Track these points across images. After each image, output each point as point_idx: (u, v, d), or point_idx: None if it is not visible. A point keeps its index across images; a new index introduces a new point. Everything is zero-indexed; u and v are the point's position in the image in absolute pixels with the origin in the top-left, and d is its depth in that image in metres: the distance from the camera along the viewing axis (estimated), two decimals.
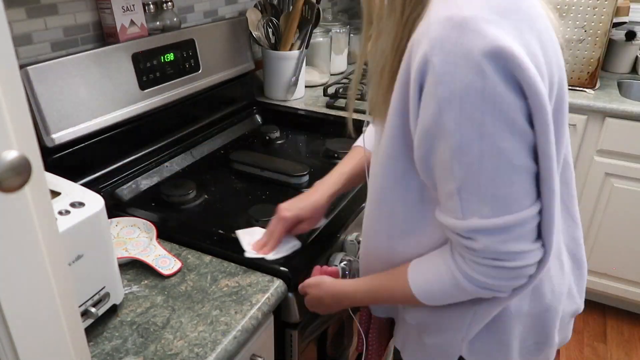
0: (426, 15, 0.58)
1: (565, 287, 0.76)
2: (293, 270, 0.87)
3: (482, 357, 0.75)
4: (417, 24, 0.60)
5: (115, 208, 1.02)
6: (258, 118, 1.62)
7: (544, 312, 0.74)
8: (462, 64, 0.53)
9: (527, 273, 0.63)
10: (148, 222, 0.95)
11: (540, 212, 0.61)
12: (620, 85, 2.03)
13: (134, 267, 0.88)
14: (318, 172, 1.24)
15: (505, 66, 0.53)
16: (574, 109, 1.85)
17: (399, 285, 0.71)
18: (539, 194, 0.60)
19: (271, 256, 0.88)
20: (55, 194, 0.70)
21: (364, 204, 1.14)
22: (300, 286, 0.86)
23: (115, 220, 0.96)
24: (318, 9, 1.59)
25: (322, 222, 0.97)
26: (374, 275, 0.77)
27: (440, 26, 0.55)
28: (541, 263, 0.64)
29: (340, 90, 1.73)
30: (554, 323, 0.75)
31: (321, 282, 0.83)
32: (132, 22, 1.21)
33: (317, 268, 0.89)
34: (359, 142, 0.97)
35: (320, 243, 0.97)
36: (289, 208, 0.90)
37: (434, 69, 0.55)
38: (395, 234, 0.73)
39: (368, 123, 0.87)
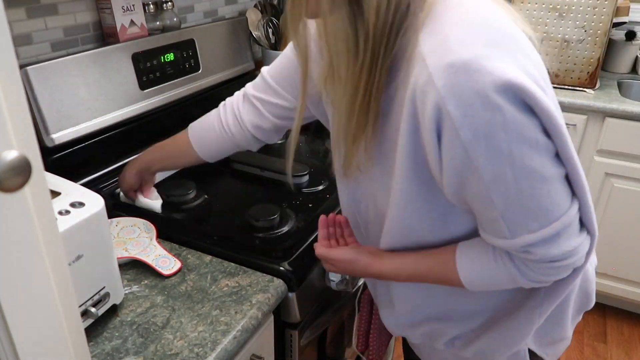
0: (420, 63, 0.59)
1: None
2: (293, 270, 0.87)
3: (546, 338, 0.82)
4: (400, 57, 0.62)
5: (115, 208, 1.02)
6: None
7: (587, 281, 0.82)
8: (477, 105, 0.55)
9: (577, 264, 0.68)
10: (148, 222, 0.95)
11: (579, 208, 0.64)
12: (620, 85, 2.03)
13: (134, 267, 0.88)
14: (318, 172, 1.25)
15: (517, 96, 0.55)
16: (574, 109, 1.85)
17: (445, 272, 0.72)
18: (573, 192, 0.64)
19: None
20: (55, 194, 0.70)
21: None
22: (323, 256, 0.84)
23: (115, 220, 0.96)
24: None
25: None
26: (416, 257, 0.75)
27: (445, 74, 0.56)
28: (589, 251, 0.68)
29: None
30: (593, 288, 0.84)
31: (355, 260, 0.81)
32: (132, 22, 1.21)
33: (322, 220, 0.88)
34: (191, 126, 1.01)
35: None
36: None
37: (450, 116, 0.56)
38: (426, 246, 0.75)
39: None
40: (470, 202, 0.64)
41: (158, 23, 1.32)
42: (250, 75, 1.64)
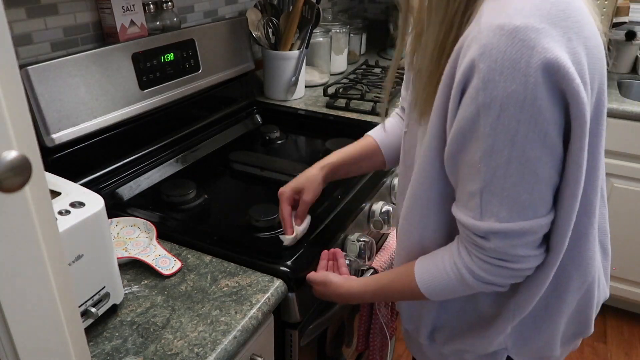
0: (476, 20, 0.59)
1: (597, 276, 0.78)
2: (293, 270, 0.87)
3: (528, 347, 0.78)
4: (465, 27, 0.61)
5: (115, 208, 1.02)
6: (258, 118, 1.62)
7: (587, 306, 0.77)
8: (507, 73, 0.55)
9: (526, 274, 0.68)
10: (148, 222, 0.95)
11: (553, 221, 0.63)
12: (620, 85, 2.03)
13: (134, 267, 0.88)
14: None
15: (551, 78, 0.54)
16: None
17: (406, 282, 0.74)
18: (554, 204, 0.63)
19: (291, 238, 0.93)
20: (55, 194, 0.70)
21: (363, 204, 1.14)
22: (307, 277, 0.89)
23: (115, 220, 0.96)
24: (318, 9, 1.59)
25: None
26: (382, 274, 0.81)
27: (492, 33, 0.56)
28: (543, 265, 0.67)
29: (340, 90, 1.73)
30: (593, 313, 0.79)
31: (327, 281, 0.85)
32: (132, 22, 1.21)
33: (324, 253, 0.93)
34: (371, 131, 1.02)
35: (320, 243, 0.97)
36: (285, 186, 0.96)
37: (479, 74, 0.56)
38: (427, 231, 0.74)
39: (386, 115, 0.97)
40: (459, 169, 0.63)
41: (158, 23, 1.32)
42: (250, 75, 1.64)
